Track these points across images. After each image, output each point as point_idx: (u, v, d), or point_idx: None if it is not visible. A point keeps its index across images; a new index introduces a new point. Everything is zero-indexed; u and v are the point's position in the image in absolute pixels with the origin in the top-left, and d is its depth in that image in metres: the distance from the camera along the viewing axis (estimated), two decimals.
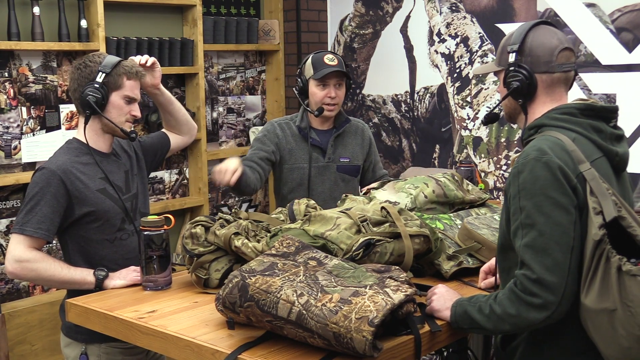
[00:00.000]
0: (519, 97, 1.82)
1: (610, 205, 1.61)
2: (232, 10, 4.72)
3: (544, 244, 1.62)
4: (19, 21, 3.52)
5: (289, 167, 3.00)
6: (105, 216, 2.34)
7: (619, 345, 1.56)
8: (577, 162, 1.66)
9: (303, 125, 3.01)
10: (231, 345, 1.70)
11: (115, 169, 2.43)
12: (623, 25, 3.37)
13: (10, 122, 3.61)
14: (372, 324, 1.54)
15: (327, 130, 3.03)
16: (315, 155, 2.99)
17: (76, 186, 2.30)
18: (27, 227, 2.24)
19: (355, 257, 1.92)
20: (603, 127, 1.76)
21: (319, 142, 3.00)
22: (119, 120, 2.37)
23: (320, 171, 3.00)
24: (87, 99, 2.31)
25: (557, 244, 1.61)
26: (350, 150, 3.04)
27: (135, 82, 2.39)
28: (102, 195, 2.35)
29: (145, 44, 4.00)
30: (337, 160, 3.02)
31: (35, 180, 2.29)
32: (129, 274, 2.25)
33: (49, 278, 2.26)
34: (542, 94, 1.81)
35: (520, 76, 1.80)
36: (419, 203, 2.45)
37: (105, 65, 2.33)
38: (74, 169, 2.31)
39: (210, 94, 4.56)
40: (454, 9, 3.98)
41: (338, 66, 2.90)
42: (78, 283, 2.26)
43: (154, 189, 4.28)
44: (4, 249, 3.59)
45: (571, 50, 1.83)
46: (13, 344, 3.41)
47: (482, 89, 3.88)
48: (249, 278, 1.70)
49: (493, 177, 3.89)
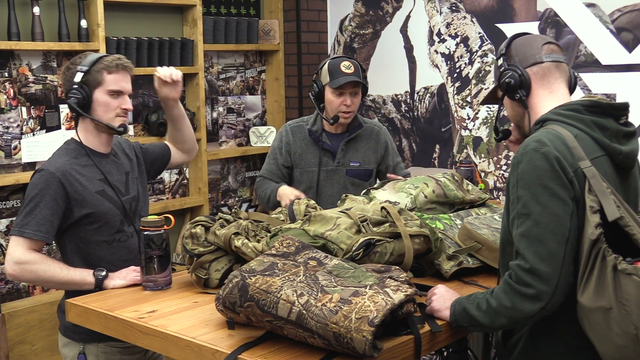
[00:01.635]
0: (515, 93, 1.84)
1: (612, 205, 1.61)
2: (232, 10, 4.72)
3: (538, 234, 1.62)
4: (19, 21, 3.52)
5: (300, 170, 3.06)
6: (104, 218, 2.34)
7: (614, 344, 1.57)
8: (576, 158, 1.66)
9: (315, 128, 3.05)
10: (231, 345, 1.70)
11: (114, 170, 2.42)
12: (623, 25, 3.37)
13: (10, 122, 3.61)
14: (372, 324, 1.54)
15: (339, 134, 3.06)
16: (325, 159, 3.03)
17: (75, 188, 2.29)
18: (26, 229, 2.23)
19: (356, 257, 1.92)
20: (609, 124, 1.75)
21: (330, 146, 3.04)
22: (107, 117, 2.34)
23: (329, 175, 3.03)
24: (69, 102, 2.30)
25: (553, 234, 1.61)
26: (362, 155, 3.05)
27: (118, 74, 2.35)
28: (100, 197, 2.34)
29: (145, 44, 4.00)
30: (347, 165, 3.04)
31: (34, 182, 2.28)
32: (129, 274, 2.24)
33: (48, 279, 2.26)
34: (538, 87, 1.83)
35: (510, 72, 1.84)
36: (419, 203, 2.45)
37: (84, 64, 2.32)
38: (73, 170, 2.31)
39: (210, 94, 4.56)
40: (454, 9, 3.98)
41: (354, 74, 2.91)
42: (78, 284, 2.26)
43: (154, 189, 4.28)
44: (3, 249, 3.59)
45: (557, 45, 1.86)
46: (13, 344, 3.41)
47: (482, 89, 3.88)
48: (249, 278, 1.70)
49: (493, 177, 3.89)
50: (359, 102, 2.99)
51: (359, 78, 2.91)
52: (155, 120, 4.08)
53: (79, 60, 2.35)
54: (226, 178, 4.72)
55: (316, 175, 3.02)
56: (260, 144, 4.77)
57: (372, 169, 3.07)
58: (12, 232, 2.26)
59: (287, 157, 3.07)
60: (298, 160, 3.05)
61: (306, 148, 3.05)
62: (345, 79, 2.89)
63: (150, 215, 2.27)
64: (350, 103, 2.95)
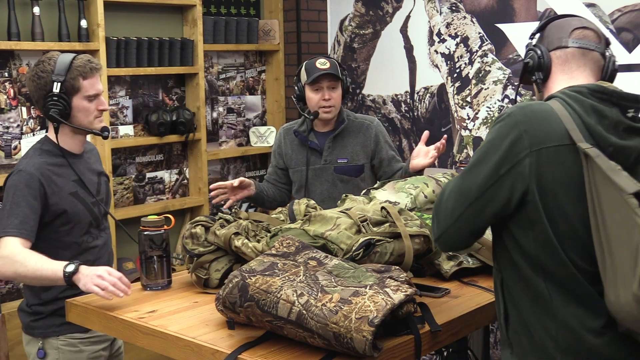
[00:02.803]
0: (532, 74, 1.81)
1: (626, 179, 1.55)
2: (232, 10, 4.72)
3: (454, 187, 1.69)
4: (19, 21, 3.51)
5: (292, 171, 3.12)
6: (76, 218, 2.34)
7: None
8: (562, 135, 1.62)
9: (302, 129, 3.09)
10: (231, 345, 1.70)
11: (87, 171, 2.44)
12: (623, 25, 3.37)
13: (10, 122, 3.61)
14: (372, 324, 1.54)
15: (326, 132, 3.07)
16: (313, 158, 3.06)
17: (52, 188, 2.29)
18: (9, 229, 2.20)
19: (356, 257, 1.92)
20: (610, 113, 1.66)
21: (317, 144, 3.06)
22: (87, 121, 2.36)
23: (317, 173, 3.06)
24: (51, 114, 2.29)
25: (461, 194, 1.66)
26: (350, 151, 3.05)
27: (93, 78, 2.35)
28: (74, 198, 2.35)
29: (145, 44, 4.00)
30: (335, 162, 3.05)
31: (14, 182, 2.27)
32: (93, 279, 2.06)
33: (24, 273, 2.15)
34: (557, 71, 1.78)
35: (532, 52, 1.80)
36: (419, 203, 2.45)
37: (58, 73, 2.29)
38: (49, 171, 2.31)
39: (210, 94, 4.56)
40: (454, 9, 3.98)
41: (330, 69, 2.94)
42: (50, 279, 2.14)
43: (154, 189, 4.28)
44: None
45: (593, 31, 1.78)
46: (13, 344, 3.41)
47: (482, 89, 3.88)
48: (249, 278, 1.70)
49: None
50: (338, 96, 3.00)
51: (334, 72, 2.93)
52: (155, 121, 4.08)
53: (49, 67, 2.30)
54: (226, 178, 4.72)
55: (305, 174, 3.06)
56: (260, 144, 4.77)
57: (363, 164, 3.06)
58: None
59: (280, 159, 3.15)
60: (289, 161, 3.11)
61: (295, 149, 3.10)
62: (319, 72, 2.92)
63: (150, 215, 2.27)
64: (329, 97, 2.95)
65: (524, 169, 1.62)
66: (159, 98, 4.26)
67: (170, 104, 4.30)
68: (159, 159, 4.30)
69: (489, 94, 3.87)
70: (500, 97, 3.77)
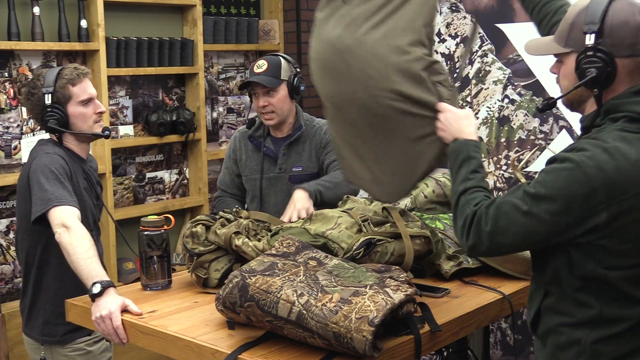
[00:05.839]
0: (594, 86, 1.55)
1: None
2: (232, 10, 4.72)
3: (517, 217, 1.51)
4: (19, 21, 3.51)
5: (245, 178, 2.88)
6: (84, 214, 2.35)
7: None
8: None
9: (258, 134, 2.84)
10: (231, 345, 1.70)
11: (92, 176, 2.48)
12: None
13: (10, 122, 3.61)
14: (372, 324, 1.54)
15: (281, 138, 2.82)
16: (267, 166, 2.80)
17: (72, 176, 2.32)
18: (65, 199, 2.16)
19: (356, 256, 1.92)
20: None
21: (272, 151, 2.80)
22: (87, 126, 2.39)
23: (272, 182, 2.81)
24: (50, 125, 2.32)
25: (522, 229, 1.50)
26: (305, 159, 2.79)
27: (82, 83, 2.37)
28: (85, 192, 2.38)
29: (145, 44, 4.00)
30: (290, 170, 2.79)
31: (45, 162, 2.25)
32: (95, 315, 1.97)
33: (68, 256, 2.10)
34: (622, 81, 1.55)
35: (599, 62, 1.52)
36: (419, 203, 2.45)
37: (47, 85, 2.33)
38: (66, 162, 2.34)
39: (210, 94, 4.56)
40: (454, 9, 3.98)
41: (264, 73, 2.67)
42: (81, 278, 2.08)
43: (154, 189, 4.28)
44: (4, 249, 3.58)
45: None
46: (13, 344, 3.41)
47: (482, 89, 3.88)
48: (249, 278, 1.70)
49: (493, 177, 3.89)
50: (278, 101, 2.70)
51: (263, 78, 2.65)
52: (155, 121, 4.08)
53: (38, 82, 2.35)
54: None
55: (259, 183, 2.81)
56: None
57: (317, 172, 2.78)
58: (46, 207, 2.15)
59: (235, 166, 2.89)
60: (243, 168, 2.86)
61: (250, 155, 2.84)
62: (250, 78, 2.69)
63: (150, 215, 2.27)
64: (265, 103, 2.69)
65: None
66: (159, 98, 4.26)
67: (170, 104, 4.30)
68: (159, 159, 4.30)
69: (489, 94, 3.87)
70: (500, 97, 3.77)
